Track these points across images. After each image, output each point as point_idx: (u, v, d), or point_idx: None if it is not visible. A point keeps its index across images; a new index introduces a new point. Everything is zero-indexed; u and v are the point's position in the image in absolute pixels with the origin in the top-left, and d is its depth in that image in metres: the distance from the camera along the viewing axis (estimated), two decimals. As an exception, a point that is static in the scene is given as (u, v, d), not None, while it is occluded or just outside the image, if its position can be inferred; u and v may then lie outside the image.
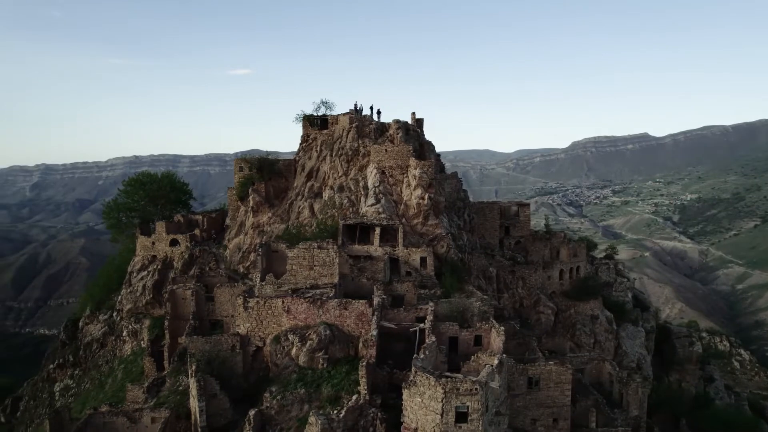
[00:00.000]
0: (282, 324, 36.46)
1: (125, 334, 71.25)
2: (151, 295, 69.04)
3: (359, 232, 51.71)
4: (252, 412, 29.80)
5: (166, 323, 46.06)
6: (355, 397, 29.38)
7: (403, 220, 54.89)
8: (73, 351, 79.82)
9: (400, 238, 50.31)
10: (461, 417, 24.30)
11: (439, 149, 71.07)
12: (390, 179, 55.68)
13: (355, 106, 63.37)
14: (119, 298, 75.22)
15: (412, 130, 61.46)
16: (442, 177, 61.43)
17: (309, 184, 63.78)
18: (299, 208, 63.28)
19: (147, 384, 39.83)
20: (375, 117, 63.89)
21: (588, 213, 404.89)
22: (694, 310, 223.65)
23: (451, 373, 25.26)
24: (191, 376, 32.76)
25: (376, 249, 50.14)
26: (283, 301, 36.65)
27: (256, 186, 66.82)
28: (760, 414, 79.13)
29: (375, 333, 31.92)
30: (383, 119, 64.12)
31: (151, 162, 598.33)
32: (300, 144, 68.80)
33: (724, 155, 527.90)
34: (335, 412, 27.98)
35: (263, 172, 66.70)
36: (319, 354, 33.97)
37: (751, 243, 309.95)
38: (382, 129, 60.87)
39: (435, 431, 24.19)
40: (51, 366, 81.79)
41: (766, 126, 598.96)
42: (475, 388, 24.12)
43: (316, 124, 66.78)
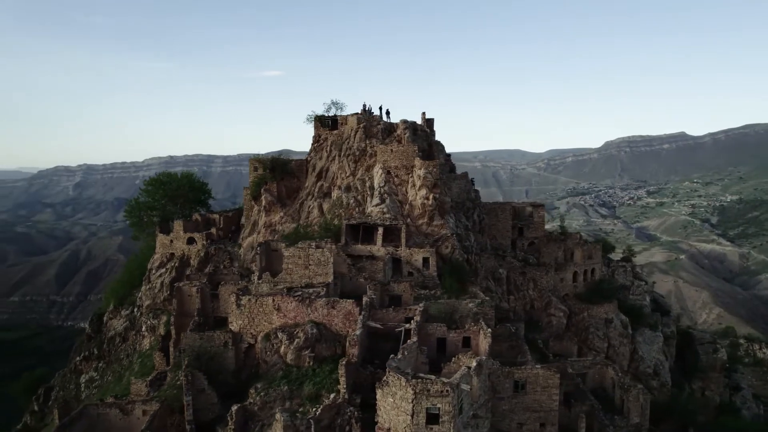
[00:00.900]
0: (273, 322, 37.07)
1: (144, 329, 73.53)
2: (168, 292, 70.98)
3: (363, 232, 52.00)
4: (234, 408, 30.45)
5: (172, 319, 47.37)
6: (333, 395, 29.68)
7: (408, 221, 54.89)
8: (98, 344, 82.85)
9: (403, 238, 50.32)
10: (432, 418, 24.21)
11: (467, 149, 71.71)
12: (395, 179, 55.73)
13: (364, 106, 63.71)
14: (140, 294, 77.73)
15: (420, 130, 61.34)
16: (450, 177, 61.07)
17: (319, 184, 64.45)
18: (309, 207, 64.04)
19: (150, 378, 41.08)
20: (384, 117, 64.04)
21: (621, 214, 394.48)
22: (733, 316, 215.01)
23: (424, 375, 25.17)
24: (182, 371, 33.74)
25: (378, 249, 50.30)
26: (273, 299, 37.27)
27: (268, 186, 67.95)
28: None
29: (358, 332, 32.09)
30: (395, 119, 64.29)
31: (185, 162, 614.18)
32: (312, 144, 69.60)
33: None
34: (313, 409, 28.33)
35: (275, 172, 67.73)
36: (306, 352, 34.38)
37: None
38: (390, 129, 60.96)
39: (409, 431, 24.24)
40: (78, 358, 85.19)
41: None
42: (446, 390, 23.98)
43: (327, 124, 67.41)
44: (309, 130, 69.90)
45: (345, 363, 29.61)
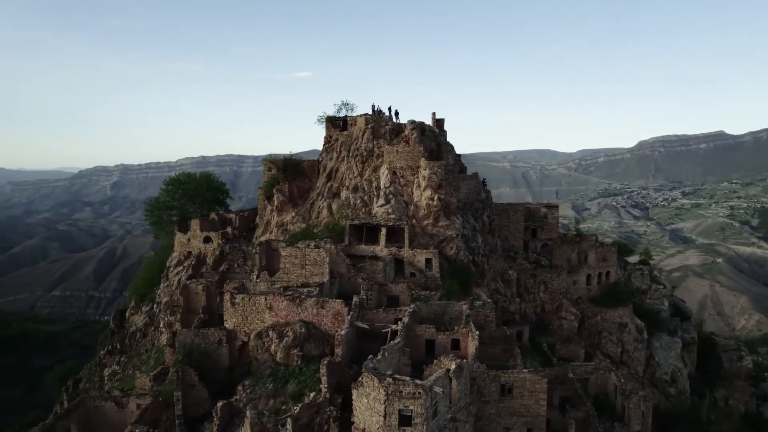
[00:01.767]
0: (265, 320, 37.64)
1: (162, 325, 75.47)
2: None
3: (369, 232, 52.20)
4: (220, 404, 31.09)
5: (178, 316, 48.59)
6: (314, 394, 29.95)
7: (413, 221, 54.83)
8: (120, 339, 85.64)
9: (406, 238, 50.26)
10: (405, 420, 24.16)
11: (496, 149, 70.53)
12: (401, 180, 55.72)
13: (373, 107, 63.87)
14: (158, 291, 79.90)
15: (428, 130, 61.14)
16: (458, 178, 60.64)
17: (328, 185, 64.96)
18: (319, 207, 64.61)
19: (154, 373, 42.28)
20: (393, 118, 64.05)
21: (655, 216, 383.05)
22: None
23: (399, 376, 25.13)
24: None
25: (381, 249, 50.41)
26: (265, 298, 37.84)
27: (280, 186, 68.88)
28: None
29: (344, 332, 32.27)
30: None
31: (217, 162, 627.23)
32: (323, 145, 70.22)
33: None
34: (294, 408, 28.65)
35: (287, 173, 68.59)
36: (295, 351, 34.78)
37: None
38: (399, 130, 60.94)
39: (379, 433, 24.29)
40: (102, 352, 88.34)
41: None
42: (419, 392, 23.88)
43: (338, 125, 67.88)
44: (320, 131, 70.64)
45: (327, 363, 29.88)
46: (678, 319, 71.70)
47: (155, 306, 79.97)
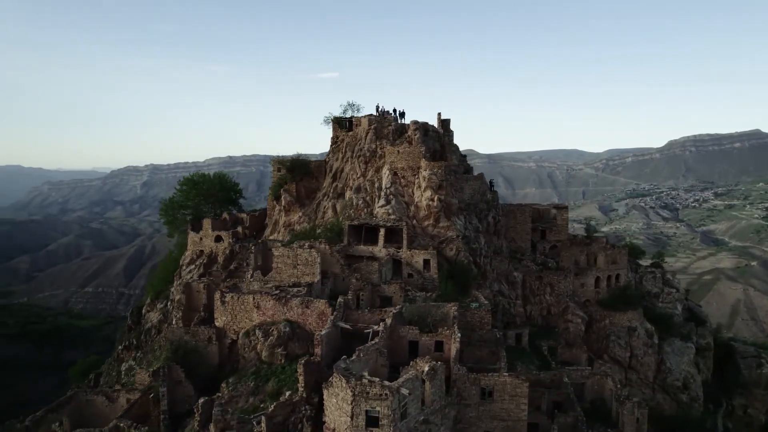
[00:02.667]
0: (253, 319, 38.16)
1: (174, 322, 77.21)
2: (194, 288, 74.04)
3: (368, 232, 52.34)
4: (201, 401, 31.65)
5: (180, 314, 49.62)
6: (289, 393, 30.18)
7: (414, 222, 54.73)
8: (137, 335, 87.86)
9: (405, 239, 50.21)
10: (372, 421, 24.18)
11: (521, 149, 69.87)
12: (402, 180, 55.67)
13: (377, 107, 63.98)
14: (172, 289, 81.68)
15: (432, 131, 60.87)
16: (462, 179, 60.17)
17: (334, 185, 65.34)
18: (324, 208, 65.07)
19: (153, 369, 43.25)
20: (399, 119, 64.05)
21: (685, 217, 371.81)
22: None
23: (369, 378, 25.13)
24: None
25: (380, 250, 50.50)
26: (253, 298, 38.35)
27: (287, 186, 69.59)
28: None
29: (324, 332, 32.43)
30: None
31: (243, 162, 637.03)
32: (330, 146, 70.65)
33: None
34: (270, 406, 28.97)
35: (294, 173, 69.25)
36: (279, 350, 35.16)
37: None
38: (402, 130, 60.89)
39: (347, 433, 24.36)
40: (120, 348, 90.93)
41: None
42: (385, 393, 23.83)
43: (344, 126, 68.20)
44: (326, 132, 71.15)
45: (304, 362, 30.13)
46: (692, 324, 69.60)
47: (169, 303, 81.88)
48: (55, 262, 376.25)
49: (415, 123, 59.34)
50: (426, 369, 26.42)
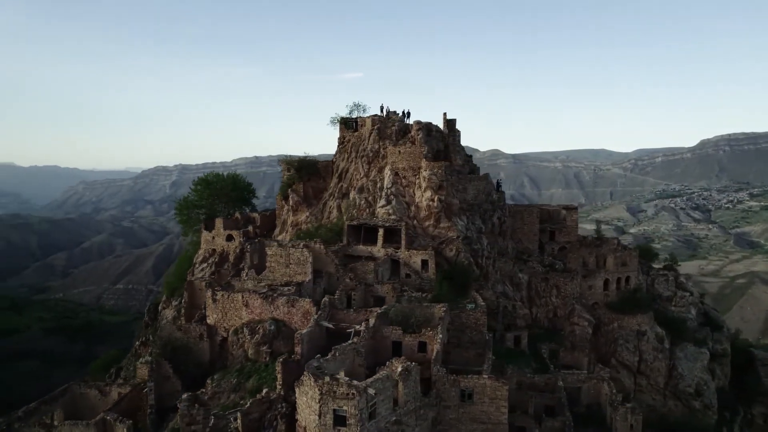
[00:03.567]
0: (242, 317, 38.75)
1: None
2: (206, 286, 75.40)
3: (367, 233, 52.54)
4: (184, 396, 32.33)
5: (183, 311, 50.62)
6: (266, 390, 30.52)
7: (414, 222, 54.66)
8: (153, 331, 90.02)
9: (403, 239, 50.21)
10: (340, 420, 24.28)
11: (546, 149, 69.14)
12: (403, 181, 55.64)
13: (381, 107, 64.09)
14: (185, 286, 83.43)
15: (435, 131, 60.62)
16: (466, 179, 59.73)
17: (339, 185, 65.74)
18: (330, 208, 65.54)
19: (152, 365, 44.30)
20: (405, 119, 63.98)
21: (717, 218, 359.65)
22: None
23: (340, 377, 25.23)
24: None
25: (378, 250, 50.63)
26: (242, 296, 38.93)
27: (295, 186, 70.29)
28: None
29: (305, 331, 32.66)
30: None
31: (269, 162, 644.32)
32: (337, 146, 71.04)
33: None
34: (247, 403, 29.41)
35: (301, 173, 69.90)
36: (264, 348, 35.63)
37: None
38: (407, 130, 60.82)
39: (315, 431, 24.52)
40: (137, 343, 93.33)
41: None
42: (352, 393, 23.89)
43: (351, 126, 68.48)
44: (330, 132, 71.65)
45: (283, 360, 30.45)
46: (708, 329, 67.45)
47: (183, 300, 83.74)
48: (88, 260, 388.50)
49: (418, 123, 59.22)
50: (399, 369, 26.40)
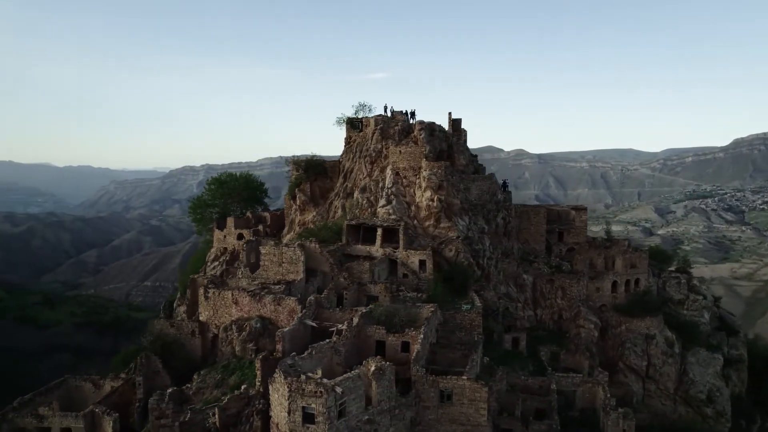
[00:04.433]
0: (232, 314, 39.28)
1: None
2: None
3: (367, 232, 52.66)
4: (169, 391, 32.98)
5: (185, 308, 51.64)
6: (245, 387, 30.88)
7: (414, 222, 54.54)
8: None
9: (401, 239, 50.15)
10: (309, 418, 24.42)
11: (573, 149, 68.28)
12: (404, 180, 55.58)
13: (385, 108, 64.13)
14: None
15: (438, 130, 60.33)
16: (469, 179, 59.28)
17: (344, 185, 66.06)
18: (335, 207, 65.93)
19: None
20: (410, 119, 63.86)
21: (751, 220, 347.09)
22: None
23: (311, 375, 25.36)
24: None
25: (377, 249, 50.69)
26: (232, 293, 39.50)
27: (302, 186, 70.92)
28: None
29: (287, 330, 32.92)
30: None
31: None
32: (344, 146, 71.37)
33: None
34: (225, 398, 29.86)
35: (308, 173, 70.48)
36: (250, 345, 36.07)
37: None
38: (410, 130, 60.68)
39: (286, 428, 24.71)
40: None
41: None
42: (320, 391, 24.00)
43: (357, 126, 68.71)
44: (336, 132, 71.99)
45: (262, 357, 30.80)
46: (723, 334, 65.38)
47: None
48: (118, 257, 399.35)
49: (420, 123, 59.06)
50: (372, 369, 26.43)
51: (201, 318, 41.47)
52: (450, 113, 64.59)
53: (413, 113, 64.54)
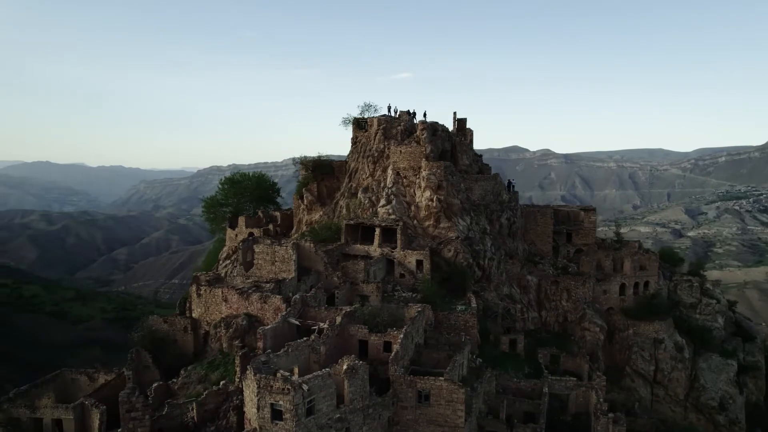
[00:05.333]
0: (222, 312, 39.86)
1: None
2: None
3: (366, 232, 52.82)
4: (154, 385, 33.67)
5: (187, 305, 52.59)
6: (223, 382, 31.28)
7: (414, 222, 54.40)
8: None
9: (399, 239, 50.11)
10: (277, 414, 24.61)
11: (600, 149, 67.38)
12: (404, 180, 55.49)
13: (389, 108, 64.08)
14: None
15: (441, 130, 59.98)
16: (472, 178, 58.77)
17: (349, 185, 66.28)
18: (340, 207, 66.25)
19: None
20: (412, 119, 63.72)
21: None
22: None
23: (284, 372, 25.54)
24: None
25: (375, 249, 50.77)
26: (222, 291, 40.09)
27: (309, 186, 71.48)
28: None
29: (268, 327, 33.17)
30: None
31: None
32: (351, 146, 71.62)
33: None
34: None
35: (315, 173, 71.00)
36: (236, 342, 36.51)
37: None
38: (412, 130, 60.52)
39: (255, 424, 24.99)
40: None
41: None
42: (287, 388, 24.17)
43: (362, 126, 68.88)
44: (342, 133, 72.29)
45: (242, 354, 31.18)
46: (739, 340, 63.23)
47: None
48: (148, 255, 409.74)
49: (423, 123, 58.83)
50: (344, 367, 26.52)
51: (193, 315, 42.31)
52: (455, 113, 64.25)
53: (416, 113, 64.39)
